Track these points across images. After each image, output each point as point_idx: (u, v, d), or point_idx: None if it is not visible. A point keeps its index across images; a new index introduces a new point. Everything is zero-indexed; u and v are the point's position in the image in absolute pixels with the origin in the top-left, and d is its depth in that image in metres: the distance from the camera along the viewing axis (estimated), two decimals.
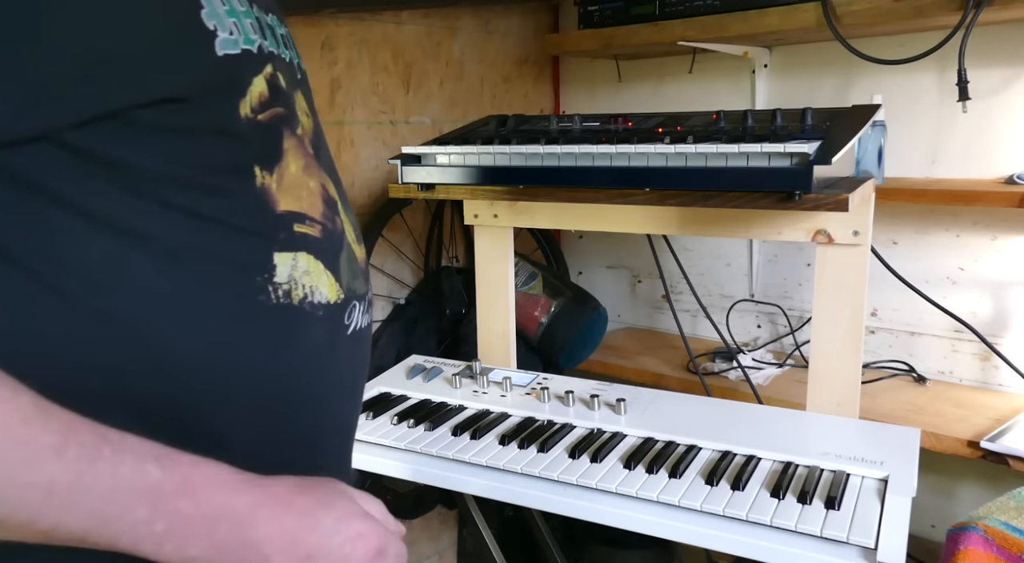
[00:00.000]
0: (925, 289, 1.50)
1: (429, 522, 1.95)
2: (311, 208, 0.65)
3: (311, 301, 0.63)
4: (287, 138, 0.63)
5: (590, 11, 1.70)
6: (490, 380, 1.32)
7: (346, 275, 0.68)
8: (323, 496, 0.58)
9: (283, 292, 0.61)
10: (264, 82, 0.61)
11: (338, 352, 0.68)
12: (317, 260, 0.64)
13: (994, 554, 0.93)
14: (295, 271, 0.62)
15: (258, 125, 0.60)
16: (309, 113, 0.69)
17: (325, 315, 0.65)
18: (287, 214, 0.62)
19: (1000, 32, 1.43)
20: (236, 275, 0.59)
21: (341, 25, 1.60)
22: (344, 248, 0.69)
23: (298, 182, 0.64)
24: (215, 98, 0.57)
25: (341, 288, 0.67)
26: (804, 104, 1.19)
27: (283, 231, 0.62)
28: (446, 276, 1.80)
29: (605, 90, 2.04)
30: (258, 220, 0.60)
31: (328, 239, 0.66)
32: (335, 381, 0.68)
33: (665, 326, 2.00)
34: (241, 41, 0.59)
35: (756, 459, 1.03)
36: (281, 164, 0.62)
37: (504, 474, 1.05)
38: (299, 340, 0.63)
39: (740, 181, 1.03)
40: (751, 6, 1.46)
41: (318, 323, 0.64)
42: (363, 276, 0.72)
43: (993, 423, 1.34)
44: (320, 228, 0.65)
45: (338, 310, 0.67)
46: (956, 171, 1.53)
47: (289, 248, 0.62)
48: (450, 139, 1.30)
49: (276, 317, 0.61)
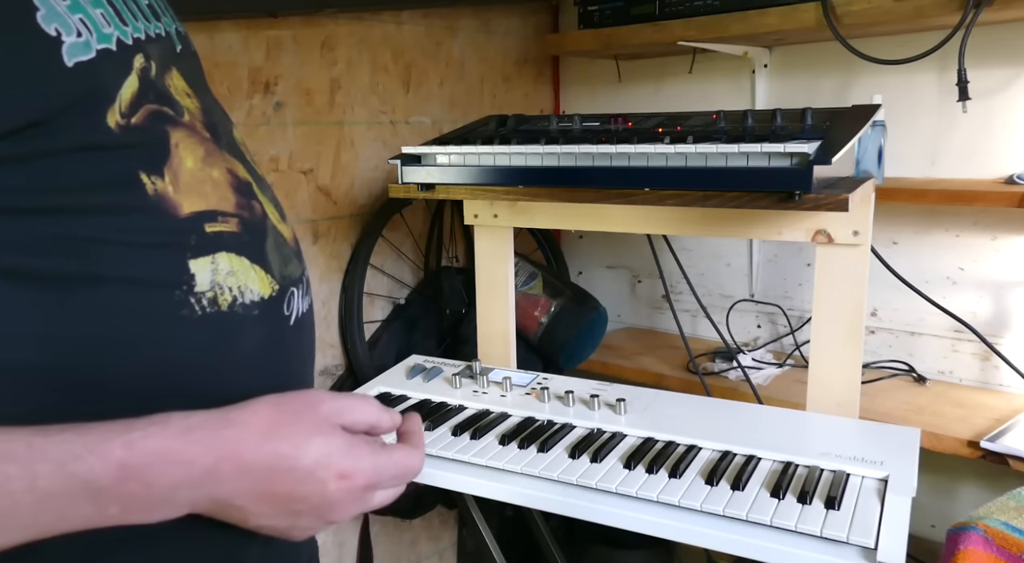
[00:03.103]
0: (925, 289, 1.50)
1: (429, 522, 1.96)
2: (221, 202, 0.59)
3: (243, 303, 0.59)
4: (172, 132, 0.57)
5: (590, 11, 1.70)
6: (490, 380, 1.32)
7: (277, 263, 0.63)
8: (301, 432, 0.54)
9: (208, 301, 0.57)
10: (136, 79, 0.55)
11: (284, 346, 0.64)
12: (240, 257, 0.59)
13: (994, 554, 0.93)
14: (217, 275, 0.57)
15: (132, 129, 0.54)
16: (192, 91, 0.62)
17: (262, 313, 0.61)
18: (194, 216, 0.57)
19: (1000, 32, 1.43)
20: (148, 295, 0.54)
21: (341, 25, 1.60)
22: (269, 234, 0.63)
23: (199, 177, 0.58)
24: (76, 113, 0.51)
25: (274, 279, 0.62)
26: (804, 104, 1.19)
27: (193, 235, 0.57)
28: (446, 276, 1.80)
29: (605, 90, 2.04)
30: (159, 231, 0.55)
31: (249, 230, 0.61)
32: (285, 375, 0.64)
33: (665, 326, 2.00)
34: (94, 41, 0.52)
35: (756, 459, 1.03)
36: (172, 163, 0.56)
37: (504, 474, 1.05)
38: (239, 347, 0.59)
39: (740, 181, 1.03)
40: (751, 6, 1.46)
41: (255, 323, 0.60)
42: (296, 257, 0.67)
43: (993, 423, 1.34)
44: (236, 221, 0.60)
45: (275, 304, 0.62)
46: (956, 171, 1.53)
47: (204, 252, 0.57)
48: (450, 139, 1.30)
49: (206, 329, 0.57)
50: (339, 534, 1.75)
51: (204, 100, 0.63)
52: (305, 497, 0.54)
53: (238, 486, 0.52)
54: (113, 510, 0.48)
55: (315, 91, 1.58)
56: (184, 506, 0.51)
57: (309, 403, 0.56)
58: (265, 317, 0.61)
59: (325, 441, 0.55)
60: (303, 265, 0.68)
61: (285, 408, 0.55)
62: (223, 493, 0.52)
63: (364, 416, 0.59)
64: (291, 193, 1.56)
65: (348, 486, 0.55)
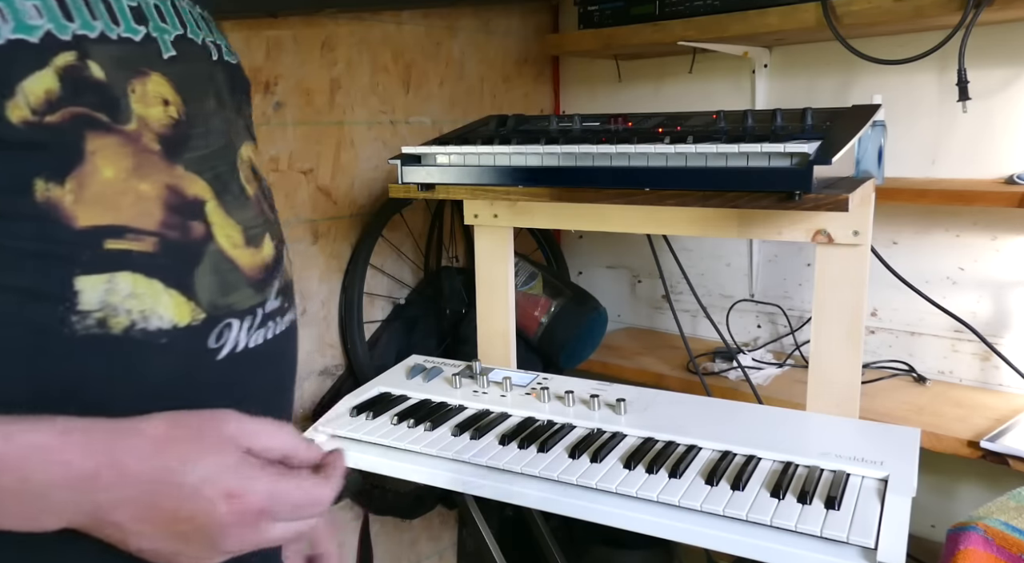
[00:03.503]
0: (925, 289, 1.50)
1: (429, 522, 1.96)
2: (138, 218, 0.55)
3: (143, 328, 0.55)
4: (93, 139, 0.53)
5: (590, 11, 1.70)
6: (490, 380, 1.32)
7: (210, 290, 0.59)
8: (196, 449, 0.51)
9: (95, 321, 0.53)
10: (54, 77, 0.51)
11: (202, 382, 0.59)
12: (151, 279, 0.55)
13: (994, 554, 0.93)
14: (112, 296, 0.53)
15: (42, 128, 0.51)
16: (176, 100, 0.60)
17: (171, 342, 0.56)
18: (92, 230, 0.53)
19: (1000, 32, 1.43)
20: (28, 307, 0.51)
21: (341, 25, 1.60)
22: (205, 258, 0.59)
23: (117, 188, 0.54)
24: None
25: (199, 307, 0.58)
26: (804, 104, 1.19)
27: (87, 250, 0.53)
28: (446, 276, 1.80)
29: (605, 90, 2.04)
30: (47, 241, 0.51)
31: (170, 252, 0.57)
32: None
33: (665, 326, 2.00)
34: (6, 30, 0.50)
35: (756, 459, 1.03)
36: (82, 171, 0.52)
37: (504, 474, 1.05)
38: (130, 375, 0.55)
39: (740, 181, 1.03)
40: (751, 6, 1.46)
41: (158, 353, 0.56)
42: (252, 285, 0.63)
43: (993, 423, 1.34)
44: (155, 241, 0.56)
45: (194, 333, 0.57)
46: (956, 171, 1.53)
47: (99, 269, 0.53)
48: (450, 139, 1.30)
49: (91, 351, 0.53)
50: (339, 534, 1.75)
51: (194, 111, 0.61)
52: (190, 517, 0.50)
53: (118, 496, 0.49)
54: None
55: (315, 91, 1.58)
56: (62, 513, 0.49)
57: (212, 421, 0.53)
58: (175, 348, 0.57)
59: (218, 460, 0.51)
60: (265, 295, 0.64)
61: (185, 423, 0.52)
62: (102, 503, 0.49)
63: (276, 443, 0.55)
64: (291, 193, 1.56)
65: (239, 509, 0.51)
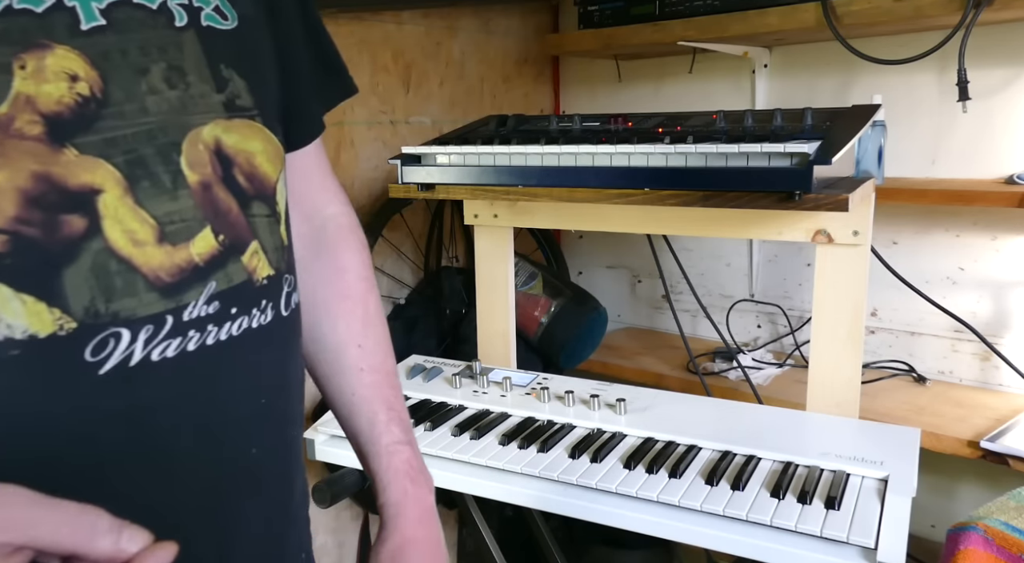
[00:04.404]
0: (925, 289, 1.50)
1: None
2: None
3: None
4: None
5: (590, 11, 1.70)
6: (490, 380, 1.32)
7: (86, 295, 0.51)
8: None
9: None
10: None
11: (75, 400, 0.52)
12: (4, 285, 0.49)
13: (994, 554, 0.93)
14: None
15: None
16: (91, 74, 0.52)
17: (26, 354, 0.49)
18: None
19: (1000, 32, 1.43)
20: None
21: (341, 25, 1.60)
22: (81, 257, 0.51)
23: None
24: None
25: (67, 314, 0.51)
26: (804, 104, 1.19)
27: None
28: (446, 276, 1.80)
29: (605, 90, 2.04)
30: None
31: (25, 251, 0.50)
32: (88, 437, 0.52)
33: (665, 326, 2.00)
34: None
35: (756, 459, 1.03)
36: None
37: (504, 474, 1.05)
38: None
39: (740, 181, 1.03)
40: (751, 6, 1.46)
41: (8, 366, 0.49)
42: (158, 289, 0.54)
43: (993, 423, 1.34)
44: (4, 239, 0.49)
45: (59, 344, 0.50)
46: (956, 171, 1.53)
47: None
48: (450, 139, 1.30)
49: None
50: (339, 534, 1.75)
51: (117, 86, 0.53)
52: None
53: None
54: None
55: None
56: None
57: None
58: (32, 360, 0.50)
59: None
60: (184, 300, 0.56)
61: None
62: None
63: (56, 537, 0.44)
64: None
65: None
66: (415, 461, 0.76)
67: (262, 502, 0.64)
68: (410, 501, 0.74)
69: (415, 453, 0.77)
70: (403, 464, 0.75)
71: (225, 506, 0.61)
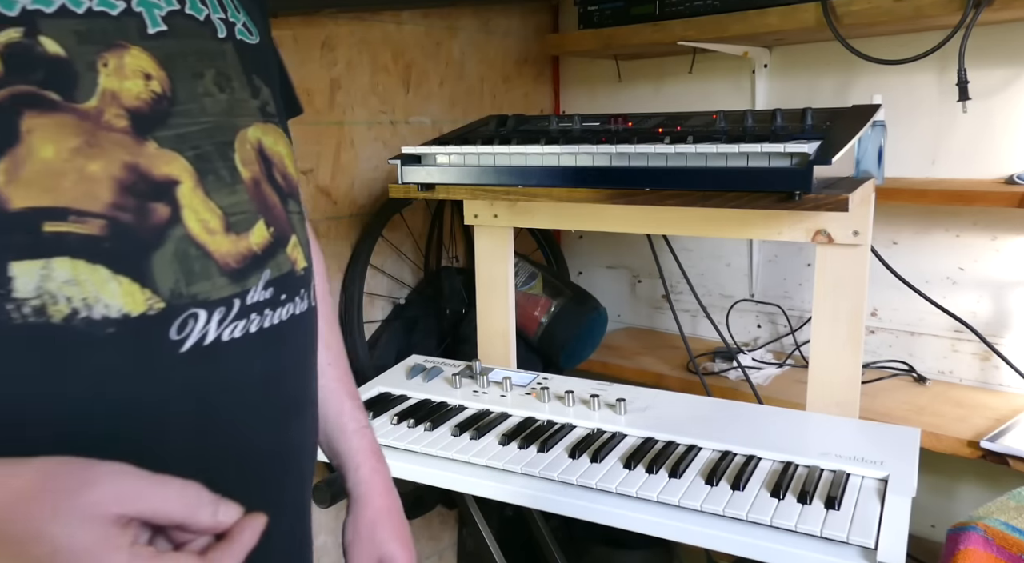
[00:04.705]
0: (925, 289, 1.50)
1: (429, 522, 1.96)
2: (82, 199, 0.52)
3: (86, 317, 0.52)
4: (31, 118, 0.51)
5: (590, 11, 1.70)
6: (490, 380, 1.32)
7: (171, 278, 0.55)
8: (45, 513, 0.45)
9: (32, 309, 0.50)
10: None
11: (160, 376, 0.55)
12: (94, 264, 0.52)
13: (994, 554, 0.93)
14: (48, 282, 0.50)
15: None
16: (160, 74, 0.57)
17: (120, 332, 0.53)
18: (28, 212, 0.50)
19: (1000, 32, 1.43)
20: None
21: (341, 25, 1.60)
22: (167, 243, 0.55)
23: (58, 169, 0.51)
24: None
25: (156, 295, 0.54)
26: (804, 104, 1.19)
27: (22, 234, 0.50)
28: (446, 276, 1.80)
29: (605, 90, 2.04)
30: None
31: (120, 236, 0.53)
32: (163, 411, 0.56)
33: (665, 326, 2.00)
34: None
35: (756, 459, 1.03)
36: (16, 151, 0.50)
37: (504, 474, 1.05)
38: (72, 367, 0.52)
39: (740, 181, 1.03)
40: (751, 6, 1.46)
41: (105, 344, 0.52)
42: (227, 274, 0.58)
43: (993, 423, 1.34)
44: (102, 223, 0.52)
45: (149, 324, 0.54)
46: (956, 171, 1.53)
47: (36, 254, 0.50)
48: (450, 139, 1.30)
49: (26, 340, 0.50)
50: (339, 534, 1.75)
51: (181, 87, 0.58)
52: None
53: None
54: None
55: (315, 91, 1.58)
56: None
57: (84, 479, 0.46)
58: (125, 339, 0.53)
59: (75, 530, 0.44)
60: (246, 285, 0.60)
61: (53, 477, 0.46)
62: None
63: (164, 509, 0.48)
64: None
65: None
66: (376, 443, 0.87)
67: (294, 479, 0.69)
68: (378, 477, 0.84)
69: (375, 436, 0.88)
70: (369, 445, 0.85)
71: (272, 480, 0.65)
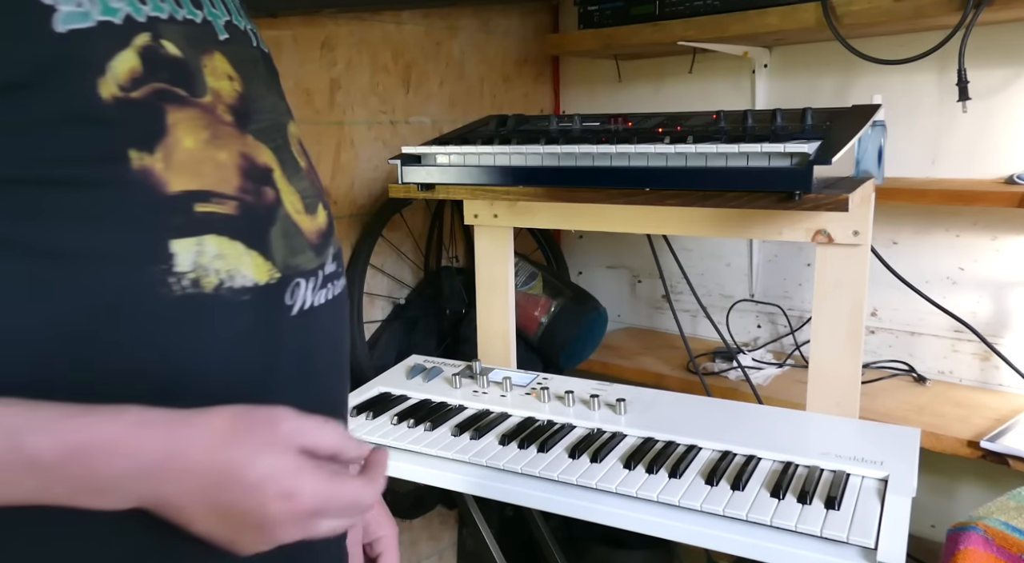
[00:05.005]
0: (925, 289, 1.50)
1: (429, 522, 1.96)
2: (220, 183, 0.59)
3: (230, 287, 0.59)
4: (173, 112, 0.57)
5: (590, 11, 1.70)
6: (490, 380, 1.32)
7: (282, 251, 0.63)
8: (256, 446, 0.53)
9: (190, 281, 0.57)
10: (135, 55, 0.55)
11: (279, 336, 0.63)
12: (234, 240, 0.59)
13: (994, 554, 0.93)
14: (202, 257, 0.57)
15: (130, 103, 0.55)
16: (237, 76, 0.64)
17: (253, 299, 0.60)
18: (182, 195, 0.57)
19: (1000, 32, 1.43)
20: (123, 271, 0.55)
21: (341, 25, 1.60)
22: (277, 221, 0.63)
23: (198, 157, 0.58)
24: (61, 79, 0.52)
25: (275, 267, 0.62)
26: (804, 104, 1.19)
27: (178, 214, 0.57)
28: (446, 276, 1.80)
29: (605, 90, 2.04)
30: (141, 207, 0.55)
31: (249, 215, 0.61)
32: (280, 367, 0.63)
33: (665, 326, 2.00)
34: (96, 12, 0.54)
35: (756, 459, 1.03)
36: (167, 141, 0.56)
37: (504, 474, 1.05)
38: (220, 330, 0.59)
39: (740, 181, 1.03)
40: (751, 6, 1.46)
41: (242, 309, 0.60)
42: (312, 249, 0.66)
43: (993, 423, 1.34)
44: (235, 204, 0.60)
45: (271, 291, 0.62)
46: (956, 171, 1.53)
47: (190, 232, 0.57)
48: (450, 139, 1.30)
49: (183, 309, 0.57)
50: None
51: (251, 88, 0.65)
52: (244, 513, 0.53)
53: (182, 487, 0.52)
54: (58, 489, 0.50)
55: (315, 91, 1.58)
56: (131, 497, 0.52)
57: (269, 419, 0.55)
58: (256, 305, 0.61)
59: (276, 458, 0.53)
60: (323, 257, 0.68)
61: (244, 419, 0.54)
62: (167, 492, 0.52)
63: (326, 442, 0.57)
64: None
65: (291, 508, 0.53)
66: None
67: None
68: None
69: None
70: None
71: None
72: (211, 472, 0.52)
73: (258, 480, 0.52)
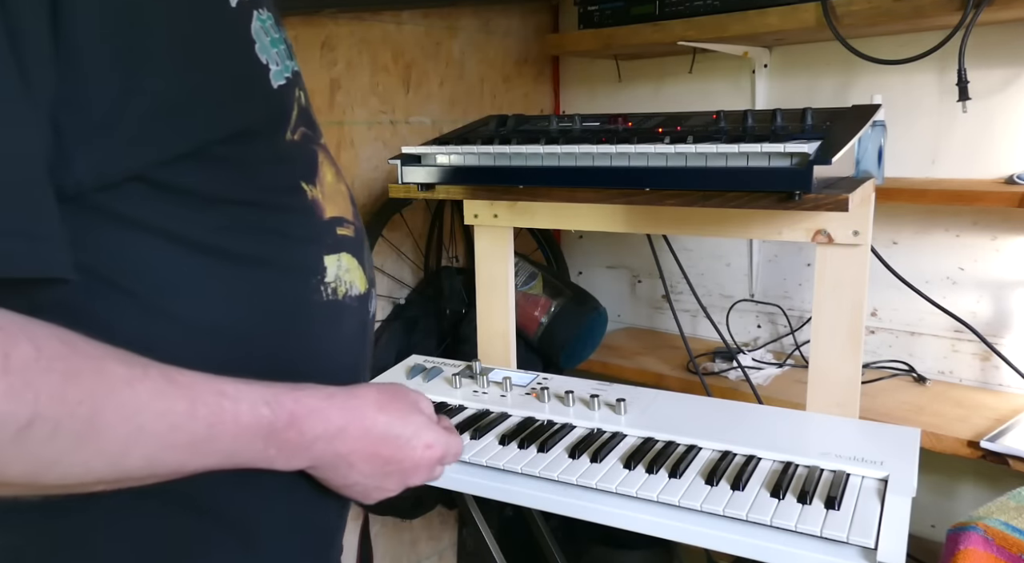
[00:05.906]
0: (925, 289, 1.50)
1: (429, 522, 1.96)
2: (345, 211, 0.73)
3: (350, 294, 0.72)
4: (318, 152, 0.71)
5: (590, 11, 1.70)
6: (490, 380, 1.32)
7: (368, 267, 0.76)
8: (402, 410, 0.69)
9: (332, 289, 0.70)
10: (296, 104, 0.68)
11: (365, 332, 0.77)
12: (352, 257, 0.72)
13: (994, 554, 0.93)
14: (339, 270, 0.71)
15: (296, 145, 0.67)
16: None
17: (359, 305, 0.74)
18: (331, 220, 0.71)
19: (1000, 32, 1.43)
20: (297, 279, 0.67)
21: (341, 25, 1.60)
22: (366, 242, 0.77)
23: (334, 189, 0.72)
24: (272, 127, 0.64)
25: (367, 279, 0.76)
26: (804, 104, 1.19)
27: (329, 236, 0.70)
28: (446, 276, 1.80)
29: (605, 90, 2.04)
30: (310, 229, 0.68)
31: (358, 236, 0.74)
32: (364, 359, 0.78)
33: (665, 326, 2.00)
34: (283, 70, 0.65)
35: (756, 459, 1.03)
36: (319, 176, 0.70)
37: (504, 474, 1.05)
38: (344, 329, 0.73)
39: (740, 181, 1.03)
40: (751, 6, 1.46)
41: (354, 313, 0.73)
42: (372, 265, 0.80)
43: (993, 423, 1.34)
44: (353, 227, 0.74)
45: (365, 300, 0.75)
46: (956, 171, 1.53)
47: (334, 250, 0.70)
48: (450, 139, 1.29)
49: (328, 311, 0.70)
50: None
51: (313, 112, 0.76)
52: (400, 460, 0.69)
53: (357, 445, 0.65)
54: (271, 451, 0.60)
55: (315, 91, 1.58)
56: (313, 456, 0.63)
57: (404, 392, 0.72)
58: (360, 310, 0.74)
59: (418, 419, 0.71)
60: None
61: (387, 392, 0.70)
62: (345, 449, 0.65)
63: (430, 411, 0.74)
64: None
65: (430, 456, 0.71)
66: None
67: None
68: None
69: None
70: None
71: None
72: (379, 432, 0.67)
73: (411, 434, 0.69)
